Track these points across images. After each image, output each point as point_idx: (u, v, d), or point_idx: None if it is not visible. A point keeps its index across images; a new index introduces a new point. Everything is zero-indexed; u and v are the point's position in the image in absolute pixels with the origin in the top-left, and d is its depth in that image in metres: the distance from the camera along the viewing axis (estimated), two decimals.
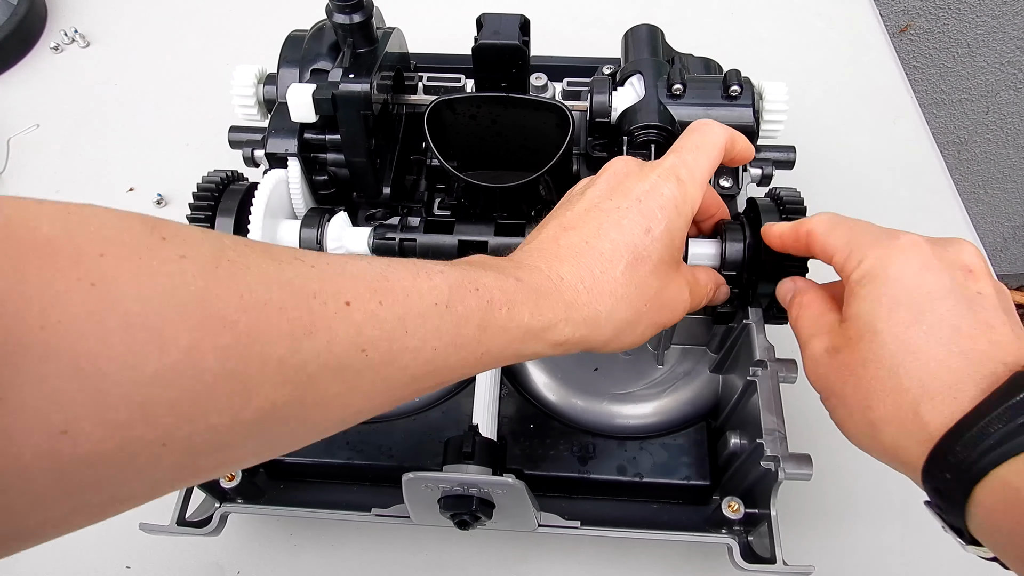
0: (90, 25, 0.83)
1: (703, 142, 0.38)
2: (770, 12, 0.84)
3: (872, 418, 0.32)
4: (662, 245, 0.35)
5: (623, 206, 0.35)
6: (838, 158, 0.72)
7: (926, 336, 0.31)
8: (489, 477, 0.41)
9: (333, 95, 0.43)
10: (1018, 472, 0.27)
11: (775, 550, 0.41)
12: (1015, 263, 1.62)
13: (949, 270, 0.32)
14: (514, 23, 0.46)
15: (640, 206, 0.35)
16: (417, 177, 0.54)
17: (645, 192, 0.36)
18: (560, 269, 0.34)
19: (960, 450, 0.28)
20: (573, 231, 0.35)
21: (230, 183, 0.47)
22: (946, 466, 0.28)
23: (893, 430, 0.31)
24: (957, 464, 0.28)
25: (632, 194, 0.36)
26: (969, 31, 1.16)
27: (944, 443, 0.29)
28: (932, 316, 0.31)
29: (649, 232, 0.35)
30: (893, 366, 0.31)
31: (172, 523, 0.43)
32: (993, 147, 1.36)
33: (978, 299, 0.31)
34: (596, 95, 0.47)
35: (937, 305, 0.31)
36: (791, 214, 0.41)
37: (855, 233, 0.35)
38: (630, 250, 0.35)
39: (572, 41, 0.80)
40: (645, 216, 0.35)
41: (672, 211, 0.36)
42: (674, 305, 0.38)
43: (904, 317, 0.31)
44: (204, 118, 0.75)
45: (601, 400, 0.49)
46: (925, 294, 0.31)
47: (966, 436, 0.28)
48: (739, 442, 0.45)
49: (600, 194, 0.37)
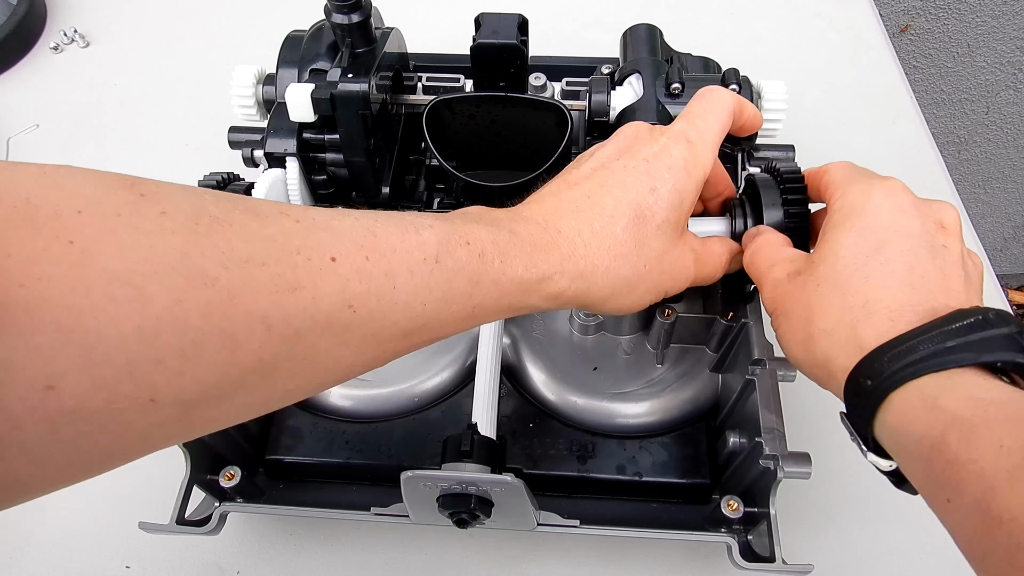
0: (90, 25, 0.83)
1: (712, 106, 0.38)
2: (770, 12, 0.84)
3: (812, 330, 0.33)
4: (667, 205, 0.35)
5: (630, 165, 0.35)
6: (838, 158, 0.71)
7: (881, 267, 0.32)
8: (488, 476, 0.41)
9: (332, 95, 0.43)
10: (936, 383, 0.28)
11: (774, 549, 0.41)
12: (1015, 263, 1.62)
13: (921, 219, 0.33)
14: (512, 23, 0.46)
15: (648, 165, 0.35)
16: (416, 177, 0.54)
17: (654, 153, 0.36)
18: (559, 222, 0.34)
19: (886, 360, 0.30)
20: (576, 187, 0.35)
21: (227, 184, 0.47)
22: (870, 373, 0.30)
23: (828, 342, 0.32)
24: (880, 371, 0.30)
25: (640, 154, 0.36)
26: (969, 31, 1.16)
27: (873, 354, 0.30)
28: (892, 250, 0.32)
29: (655, 191, 0.35)
30: (843, 286, 0.33)
31: (172, 522, 0.43)
32: (993, 147, 1.36)
33: (942, 250, 0.33)
34: (595, 94, 0.47)
35: (900, 242, 0.33)
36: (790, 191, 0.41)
37: (853, 173, 0.37)
38: (633, 207, 0.34)
39: (571, 41, 0.80)
40: (651, 175, 0.35)
41: (681, 172, 0.35)
42: (676, 271, 0.37)
43: (866, 246, 0.33)
44: (203, 118, 0.75)
45: (600, 399, 0.49)
46: (892, 232, 0.33)
47: (894, 351, 0.30)
48: (738, 441, 0.45)
49: (608, 155, 0.37)
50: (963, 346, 0.28)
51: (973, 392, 0.27)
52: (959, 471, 0.26)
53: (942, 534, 0.31)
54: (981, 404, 0.27)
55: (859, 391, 0.31)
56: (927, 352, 0.29)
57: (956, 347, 0.28)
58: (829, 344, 0.32)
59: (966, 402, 0.27)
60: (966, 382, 0.28)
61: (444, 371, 0.51)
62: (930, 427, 0.28)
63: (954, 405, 0.27)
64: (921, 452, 0.28)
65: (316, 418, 0.50)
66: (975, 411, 0.27)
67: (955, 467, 0.27)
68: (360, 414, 0.50)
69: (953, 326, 0.29)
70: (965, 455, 0.26)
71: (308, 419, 0.50)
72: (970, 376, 0.28)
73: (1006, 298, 0.62)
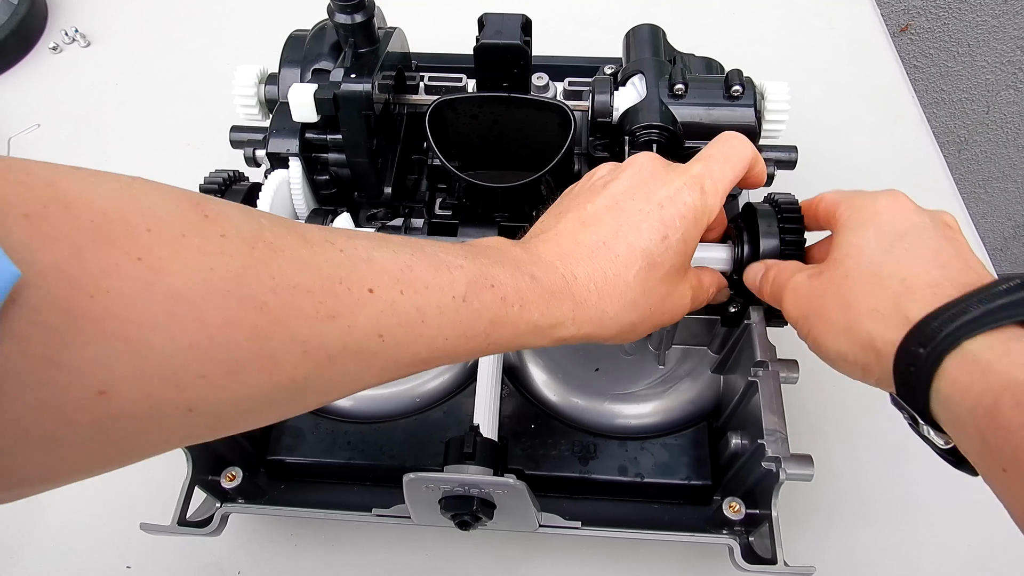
0: (90, 25, 0.83)
1: (732, 155, 0.38)
2: (771, 12, 0.84)
3: (851, 315, 0.33)
4: (676, 253, 0.36)
5: (644, 210, 0.36)
6: (839, 158, 0.72)
7: (908, 250, 0.33)
8: (490, 477, 0.41)
9: (335, 95, 0.43)
10: (989, 346, 0.28)
11: (776, 551, 0.41)
12: (1015, 263, 1.62)
13: (929, 216, 0.34)
14: (516, 23, 0.46)
15: (661, 212, 0.36)
16: (418, 177, 0.54)
17: (668, 198, 0.36)
18: (575, 268, 0.34)
19: (937, 325, 0.29)
20: (591, 229, 0.36)
21: (232, 183, 0.47)
22: (922, 340, 0.30)
23: (871, 321, 0.32)
24: (933, 336, 0.29)
25: (655, 198, 0.36)
26: (969, 31, 1.16)
27: (923, 322, 0.30)
28: (913, 238, 0.33)
29: (666, 239, 0.35)
30: (875, 271, 0.33)
31: (173, 523, 0.43)
32: (993, 146, 1.36)
33: (954, 241, 0.33)
34: (598, 95, 0.47)
35: (920, 231, 0.33)
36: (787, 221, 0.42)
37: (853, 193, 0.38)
38: (645, 256, 0.35)
39: (574, 41, 0.80)
40: (665, 223, 0.35)
41: (691, 221, 0.36)
42: (676, 309, 0.38)
43: (888, 237, 0.33)
44: (205, 118, 0.75)
45: (602, 400, 0.49)
46: (909, 224, 0.34)
47: (947, 313, 0.29)
48: (740, 442, 0.45)
49: (623, 191, 0.37)
50: (1014, 303, 0.28)
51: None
52: (1013, 438, 0.26)
53: (942, 535, 0.31)
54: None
55: (912, 361, 0.30)
56: (979, 312, 0.28)
57: (1007, 304, 0.28)
58: (873, 322, 0.32)
59: (1021, 365, 0.27)
60: (1020, 347, 0.27)
61: (446, 372, 0.51)
62: (984, 393, 0.27)
63: (1007, 368, 0.27)
64: (976, 421, 0.28)
65: (318, 419, 0.50)
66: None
67: (1009, 434, 0.26)
68: (362, 415, 0.50)
69: (999, 288, 0.29)
70: (1019, 420, 0.26)
71: (309, 420, 0.50)
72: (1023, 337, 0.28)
73: None
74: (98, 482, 0.53)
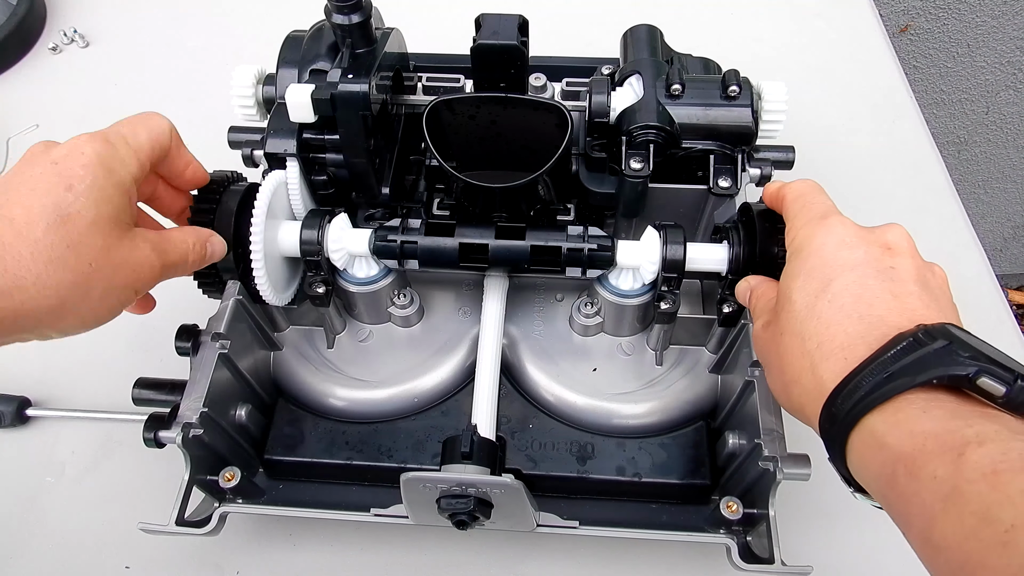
0: (90, 25, 0.83)
1: (145, 120, 0.40)
2: (770, 12, 0.84)
3: (785, 380, 0.34)
4: (92, 201, 0.35)
5: (38, 172, 0.35)
6: (838, 158, 0.72)
7: (829, 304, 0.33)
8: (487, 477, 0.41)
9: (332, 95, 0.43)
10: (882, 420, 0.29)
11: (773, 550, 0.41)
12: (1015, 263, 1.62)
13: (865, 246, 0.34)
14: (513, 23, 0.46)
15: (56, 167, 0.35)
16: (416, 177, 0.54)
17: (63, 155, 0.36)
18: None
19: (840, 402, 0.31)
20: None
21: (231, 183, 0.47)
22: (831, 418, 0.31)
23: (799, 389, 0.33)
24: (837, 415, 0.31)
25: (47, 159, 0.35)
26: (969, 31, 1.16)
27: (831, 397, 0.31)
28: (838, 285, 0.33)
29: (72, 188, 0.34)
30: (801, 331, 0.34)
31: (171, 523, 0.43)
32: (993, 147, 1.36)
33: (889, 271, 0.33)
34: (595, 95, 0.47)
35: (845, 275, 0.33)
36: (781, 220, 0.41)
37: (804, 209, 0.38)
38: (51, 210, 0.34)
39: (571, 41, 0.80)
40: (63, 175, 0.35)
41: (98, 168, 0.35)
42: (135, 264, 0.37)
43: (814, 287, 0.34)
44: (203, 118, 0.75)
45: (600, 399, 0.49)
46: (837, 267, 0.34)
47: (845, 390, 0.30)
48: (738, 442, 0.45)
49: (15, 166, 0.37)
50: (900, 371, 0.29)
51: (913, 427, 0.28)
52: (908, 504, 0.27)
53: None
54: (920, 438, 0.28)
55: (827, 436, 0.32)
56: (869, 386, 0.30)
57: (894, 374, 0.29)
58: (799, 392, 0.33)
59: (908, 437, 0.28)
60: (908, 417, 0.28)
61: (444, 372, 0.51)
62: (883, 465, 0.29)
63: (898, 442, 0.28)
64: (881, 489, 0.29)
65: (316, 419, 0.50)
66: (915, 445, 0.28)
67: (905, 500, 0.28)
68: (360, 415, 0.50)
69: (889, 353, 0.30)
70: (911, 489, 0.27)
71: (308, 420, 0.50)
72: (915, 403, 0.29)
73: (1006, 298, 0.62)
74: (97, 482, 0.53)
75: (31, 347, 0.60)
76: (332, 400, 0.50)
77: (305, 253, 0.46)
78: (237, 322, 0.47)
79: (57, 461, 0.55)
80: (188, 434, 0.42)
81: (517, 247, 0.46)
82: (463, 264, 0.46)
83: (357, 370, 0.51)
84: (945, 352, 0.29)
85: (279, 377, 0.52)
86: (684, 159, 0.48)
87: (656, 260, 0.44)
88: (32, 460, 0.55)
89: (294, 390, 0.52)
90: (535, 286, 0.54)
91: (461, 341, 0.52)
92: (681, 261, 0.44)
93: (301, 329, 0.53)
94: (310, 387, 0.51)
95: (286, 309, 0.51)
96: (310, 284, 0.47)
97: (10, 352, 0.60)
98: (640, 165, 0.46)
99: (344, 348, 0.53)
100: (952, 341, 0.29)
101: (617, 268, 0.47)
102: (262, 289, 0.45)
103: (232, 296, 0.46)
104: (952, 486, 0.26)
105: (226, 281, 0.47)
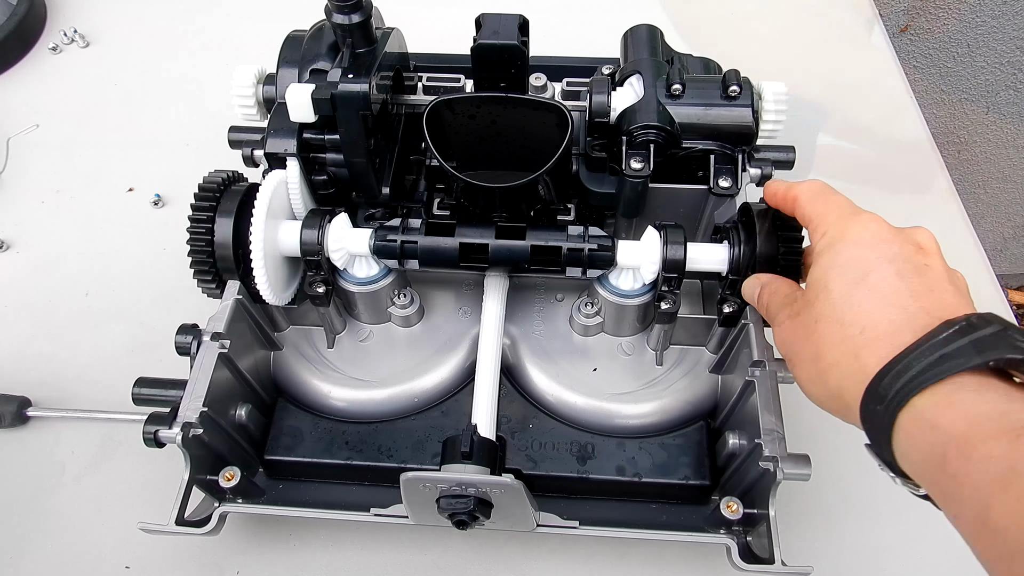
0: (90, 25, 0.83)
1: None
2: (770, 12, 0.84)
3: (821, 366, 0.34)
4: None
5: None
6: (838, 159, 0.72)
7: (869, 293, 0.33)
8: (487, 477, 0.41)
9: (332, 95, 0.43)
10: (933, 401, 0.29)
11: (774, 550, 0.41)
12: (1015, 263, 1.62)
13: (900, 243, 0.35)
14: (513, 23, 0.46)
15: None
16: (416, 177, 0.54)
17: None
18: None
19: (888, 383, 0.30)
20: None
21: (231, 183, 0.47)
22: (877, 398, 0.31)
23: (838, 373, 0.33)
24: (885, 395, 0.30)
25: None
26: (969, 31, 1.16)
27: (877, 378, 0.31)
28: (876, 276, 0.34)
29: None
30: (839, 318, 0.34)
31: (171, 523, 0.43)
32: (993, 147, 1.36)
33: (924, 269, 0.34)
34: (595, 95, 0.47)
35: (883, 267, 0.34)
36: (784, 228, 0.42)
37: (829, 207, 0.38)
38: None
39: (571, 41, 0.80)
40: None
41: None
42: None
43: (852, 277, 0.34)
44: (203, 118, 0.75)
45: (600, 399, 0.49)
46: (874, 259, 0.34)
47: (894, 370, 0.30)
48: (738, 442, 0.45)
49: None
50: (953, 353, 0.29)
51: (968, 409, 0.28)
52: (960, 486, 0.27)
53: (941, 535, 0.31)
54: (975, 420, 0.28)
55: (871, 418, 0.31)
56: (921, 367, 0.30)
57: (948, 355, 0.29)
58: (838, 376, 0.33)
59: (962, 419, 0.28)
60: (962, 398, 0.28)
61: (444, 372, 0.51)
62: (934, 447, 0.28)
63: (950, 423, 0.28)
64: (930, 472, 0.29)
65: (316, 418, 0.50)
66: (969, 426, 0.28)
67: (957, 482, 0.27)
68: (360, 414, 0.50)
69: (942, 336, 0.30)
70: (964, 470, 0.27)
71: (308, 419, 0.50)
72: (968, 385, 0.29)
73: (1006, 298, 0.62)
74: (97, 482, 0.53)
75: (31, 347, 0.60)
76: (332, 400, 0.50)
77: (305, 253, 0.46)
78: (237, 322, 0.47)
79: (57, 461, 0.55)
80: (188, 433, 0.42)
81: (517, 247, 0.46)
82: (463, 264, 0.46)
83: (357, 370, 0.51)
84: (1001, 335, 0.29)
85: (279, 377, 0.52)
86: (684, 159, 0.48)
87: (656, 260, 0.44)
88: (32, 460, 0.55)
89: (294, 390, 0.52)
90: (535, 286, 0.54)
91: (461, 341, 0.52)
92: (681, 261, 0.44)
93: (301, 329, 0.53)
94: (310, 387, 0.51)
95: (286, 309, 0.51)
96: (310, 284, 0.47)
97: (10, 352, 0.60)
98: (640, 165, 0.46)
99: (344, 348, 0.53)
100: (1007, 327, 0.29)
101: (617, 268, 0.47)
102: (262, 289, 0.45)
103: (232, 296, 0.46)
104: (1009, 466, 0.26)
105: (226, 281, 0.47)
